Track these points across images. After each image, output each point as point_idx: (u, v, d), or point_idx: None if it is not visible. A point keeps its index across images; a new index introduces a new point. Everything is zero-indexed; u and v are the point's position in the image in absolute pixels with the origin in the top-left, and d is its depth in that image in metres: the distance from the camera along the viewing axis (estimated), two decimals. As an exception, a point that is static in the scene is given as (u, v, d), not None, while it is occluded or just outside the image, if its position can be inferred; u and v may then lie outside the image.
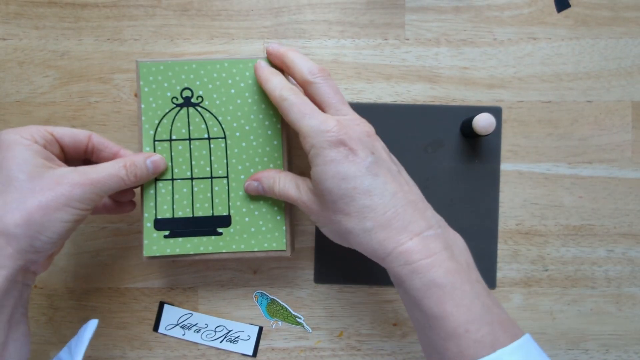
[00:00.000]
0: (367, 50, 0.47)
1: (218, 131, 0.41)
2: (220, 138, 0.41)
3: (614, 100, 0.46)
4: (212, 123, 0.41)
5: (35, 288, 0.47)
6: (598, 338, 0.47)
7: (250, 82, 0.41)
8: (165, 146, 0.41)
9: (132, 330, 0.47)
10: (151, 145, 0.41)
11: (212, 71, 0.41)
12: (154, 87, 0.41)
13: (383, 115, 0.46)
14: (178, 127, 0.41)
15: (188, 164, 0.41)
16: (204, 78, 0.41)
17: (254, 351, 0.47)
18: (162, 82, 0.41)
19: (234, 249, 0.41)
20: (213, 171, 0.41)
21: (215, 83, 0.41)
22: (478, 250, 0.46)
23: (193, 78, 0.41)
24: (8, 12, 0.47)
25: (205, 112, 0.41)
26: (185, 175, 0.41)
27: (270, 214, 0.41)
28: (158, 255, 0.41)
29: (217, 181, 0.41)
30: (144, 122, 0.41)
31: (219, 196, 0.41)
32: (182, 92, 0.41)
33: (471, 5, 0.46)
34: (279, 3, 0.46)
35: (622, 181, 0.46)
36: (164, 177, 0.41)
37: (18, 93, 0.47)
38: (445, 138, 0.46)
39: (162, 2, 0.47)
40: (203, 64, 0.41)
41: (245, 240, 0.41)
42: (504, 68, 0.46)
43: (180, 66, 0.41)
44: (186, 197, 0.41)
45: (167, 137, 0.41)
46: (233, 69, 0.41)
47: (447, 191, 0.46)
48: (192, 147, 0.41)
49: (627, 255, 0.46)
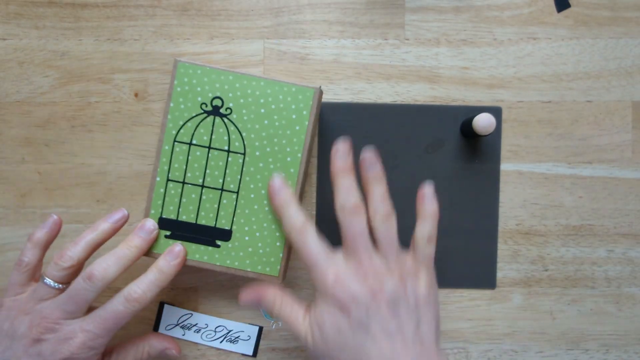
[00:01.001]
0: (367, 50, 0.47)
1: (239, 146, 0.41)
2: (240, 153, 0.41)
3: (614, 100, 0.46)
4: (235, 137, 0.41)
5: (35, 288, 0.47)
6: (598, 338, 0.47)
7: (282, 105, 0.41)
8: (183, 148, 0.41)
9: (132, 330, 0.47)
10: (170, 144, 0.41)
11: (247, 86, 0.41)
12: (187, 89, 0.41)
13: (383, 115, 0.46)
14: (200, 134, 0.41)
15: (202, 172, 0.41)
16: (238, 91, 0.41)
17: (254, 351, 0.47)
18: (195, 85, 0.41)
19: (227, 264, 0.41)
20: (225, 184, 0.41)
21: (248, 99, 0.41)
22: (478, 250, 0.46)
23: (227, 89, 0.41)
24: (8, 12, 0.47)
25: (231, 124, 0.41)
26: (197, 181, 0.41)
27: (270, 238, 0.41)
28: (156, 252, 0.41)
29: (226, 194, 0.41)
30: (169, 120, 0.41)
31: (225, 209, 0.41)
32: (213, 100, 0.41)
33: (471, 5, 0.46)
34: (279, 3, 0.46)
35: (622, 181, 0.46)
36: (176, 178, 0.41)
37: (18, 93, 0.47)
38: (445, 138, 0.46)
39: (162, 2, 0.47)
40: (240, 77, 0.41)
41: (241, 258, 0.41)
42: (504, 68, 0.46)
43: (217, 74, 0.40)
44: (193, 202, 0.41)
45: (188, 141, 0.41)
46: (268, 89, 0.40)
47: (447, 191, 0.46)
48: (209, 156, 0.41)
49: (627, 255, 0.46)
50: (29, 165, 0.47)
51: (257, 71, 0.47)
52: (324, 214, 0.46)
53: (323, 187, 0.46)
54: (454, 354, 0.47)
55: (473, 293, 0.47)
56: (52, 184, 0.47)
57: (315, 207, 0.47)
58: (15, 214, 0.47)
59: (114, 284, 0.39)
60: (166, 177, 0.41)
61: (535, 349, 0.47)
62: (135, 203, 0.47)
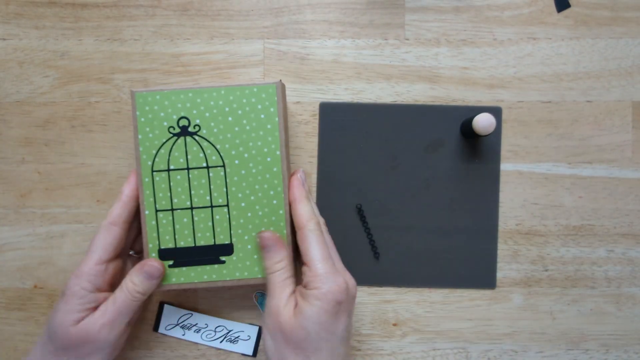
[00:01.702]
0: (367, 50, 0.47)
1: (217, 160, 0.41)
2: (219, 166, 0.41)
3: (614, 100, 0.46)
4: (211, 152, 0.41)
5: (35, 288, 0.47)
6: (598, 338, 0.47)
7: (248, 109, 0.40)
8: (163, 176, 0.41)
9: (132, 330, 0.47)
10: (149, 175, 0.41)
11: (208, 99, 0.40)
12: (150, 116, 0.40)
13: (383, 115, 0.46)
14: (176, 157, 0.41)
15: (187, 194, 0.41)
16: (201, 106, 0.40)
17: (254, 351, 0.47)
18: (158, 111, 0.40)
19: (237, 277, 0.41)
20: (213, 200, 0.41)
21: (212, 111, 0.40)
22: (478, 250, 0.46)
23: (190, 107, 0.40)
24: (8, 12, 0.47)
25: (203, 140, 0.41)
26: (184, 205, 0.41)
27: None
28: (164, 284, 0.41)
29: (217, 210, 0.41)
30: (142, 152, 0.40)
31: (220, 225, 0.41)
32: (179, 121, 0.40)
33: (471, 5, 0.46)
34: (279, 3, 0.46)
35: (622, 181, 0.46)
36: (163, 207, 0.41)
37: (18, 93, 0.47)
38: (445, 138, 0.46)
39: (162, 2, 0.47)
40: (199, 92, 0.40)
41: (249, 267, 0.41)
42: (504, 68, 0.46)
43: (176, 95, 0.40)
44: (187, 226, 0.41)
45: (165, 167, 0.41)
46: (230, 96, 0.40)
47: (447, 191, 0.46)
48: (190, 177, 0.41)
49: (627, 255, 0.46)
50: (29, 165, 0.47)
51: (258, 71, 0.47)
52: (324, 213, 0.46)
53: (323, 187, 0.46)
54: (454, 354, 0.47)
55: (473, 293, 0.47)
56: (52, 184, 0.47)
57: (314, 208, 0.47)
58: (15, 214, 0.47)
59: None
60: (154, 208, 0.41)
61: (535, 349, 0.47)
62: (135, 203, 0.47)
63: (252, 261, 0.41)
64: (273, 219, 0.41)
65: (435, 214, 0.46)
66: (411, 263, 0.46)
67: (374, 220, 0.46)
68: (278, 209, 0.41)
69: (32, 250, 0.47)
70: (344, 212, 0.46)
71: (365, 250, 0.46)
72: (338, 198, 0.46)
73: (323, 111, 0.46)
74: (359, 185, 0.46)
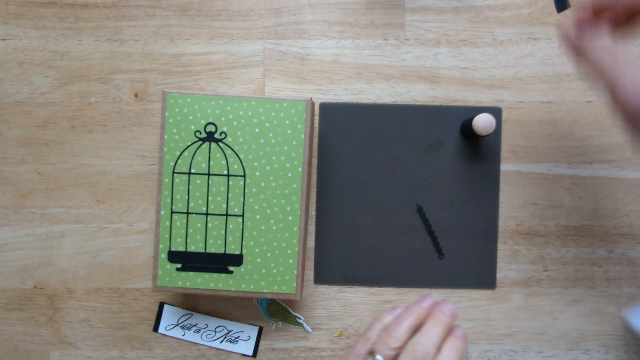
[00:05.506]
0: (367, 51, 0.47)
1: (238, 169, 0.41)
2: (240, 176, 0.41)
3: (614, 101, 0.46)
4: (233, 160, 0.41)
5: (35, 288, 0.47)
6: (598, 338, 0.47)
7: (276, 122, 0.41)
8: (183, 179, 0.41)
9: (132, 330, 0.47)
10: (170, 176, 0.41)
11: (238, 108, 0.41)
12: (179, 119, 0.41)
13: (383, 115, 0.46)
14: (198, 161, 0.41)
15: (205, 199, 0.41)
16: (230, 114, 0.41)
17: (254, 351, 0.47)
18: (187, 114, 0.41)
19: (243, 289, 0.41)
20: (229, 208, 0.41)
21: (240, 120, 0.41)
22: (478, 250, 0.46)
23: (219, 114, 0.41)
24: (8, 12, 0.47)
25: (227, 148, 0.41)
26: (200, 210, 0.41)
27: (282, 257, 0.41)
28: (170, 286, 0.41)
29: (232, 219, 0.41)
30: (166, 152, 0.41)
31: (232, 234, 0.41)
32: (206, 126, 0.41)
33: (471, 5, 0.46)
34: (279, 3, 0.46)
35: (622, 181, 0.46)
36: (179, 209, 0.41)
37: (18, 93, 0.47)
38: (445, 138, 0.46)
39: (162, 2, 0.47)
40: (230, 101, 0.41)
41: (256, 281, 0.41)
42: (504, 68, 0.46)
43: (207, 100, 0.41)
44: (200, 232, 0.41)
45: (187, 170, 0.41)
46: (259, 108, 0.41)
47: (447, 191, 0.46)
48: (210, 183, 0.41)
49: (627, 255, 0.46)
50: (29, 165, 0.47)
51: (258, 71, 0.47)
52: (324, 213, 0.46)
53: (323, 187, 0.46)
54: (454, 354, 0.47)
55: (473, 293, 0.47)
56: (52, 184, 0.47)
57: (315, 208, 0.47)
58: (15, 214, 0.47)
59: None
60: (170, 209, 0.41)
61: (535, 349, 0.47)
62: (134, 203, 0.47)
63: (259, 275, 0.41)
64: (287, 234, 0.41)
65: (435, 214, 0.46)
66: (411, 263, 0.46)
67: (374, 221, 0.46)
68: (293, 225, 0.41)
69: (32, 251, 0.47)
70: (344, 212, 0.46)
71: (369, 250, 0.46)
72: (338, 198, 0.46)
73: (323, 111, 0.46)
74: (358, 185, 0.46)
